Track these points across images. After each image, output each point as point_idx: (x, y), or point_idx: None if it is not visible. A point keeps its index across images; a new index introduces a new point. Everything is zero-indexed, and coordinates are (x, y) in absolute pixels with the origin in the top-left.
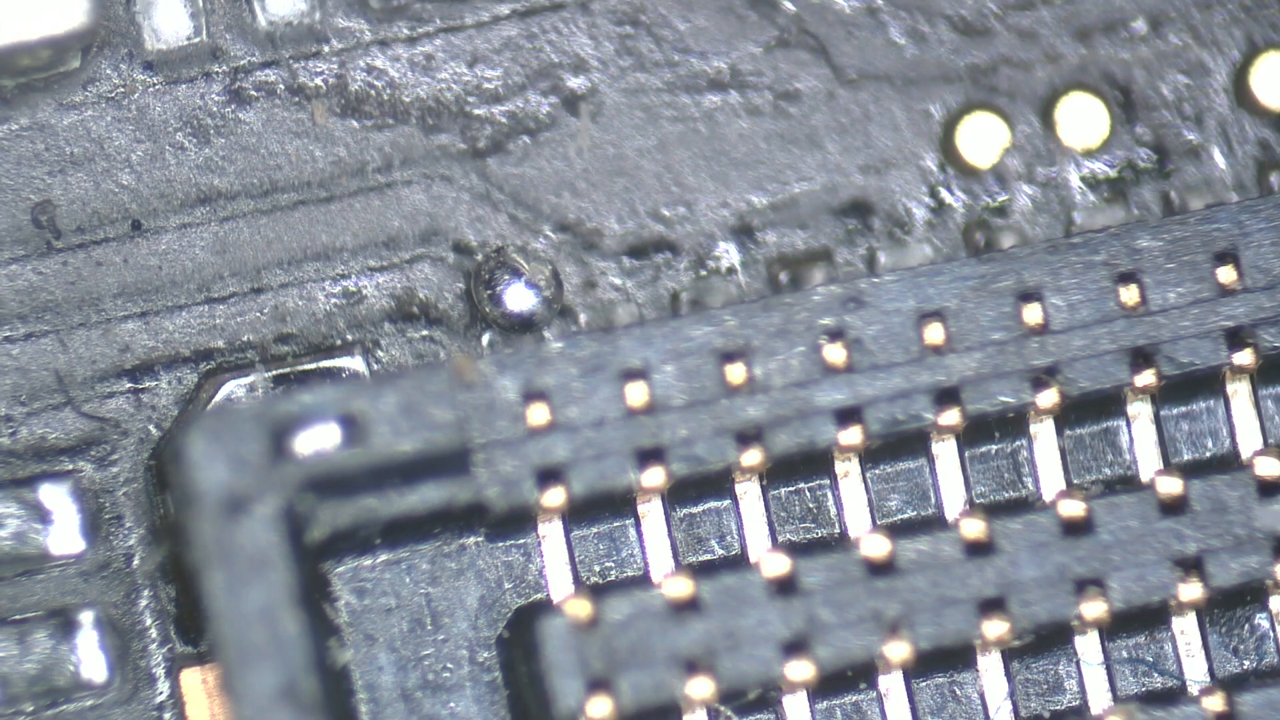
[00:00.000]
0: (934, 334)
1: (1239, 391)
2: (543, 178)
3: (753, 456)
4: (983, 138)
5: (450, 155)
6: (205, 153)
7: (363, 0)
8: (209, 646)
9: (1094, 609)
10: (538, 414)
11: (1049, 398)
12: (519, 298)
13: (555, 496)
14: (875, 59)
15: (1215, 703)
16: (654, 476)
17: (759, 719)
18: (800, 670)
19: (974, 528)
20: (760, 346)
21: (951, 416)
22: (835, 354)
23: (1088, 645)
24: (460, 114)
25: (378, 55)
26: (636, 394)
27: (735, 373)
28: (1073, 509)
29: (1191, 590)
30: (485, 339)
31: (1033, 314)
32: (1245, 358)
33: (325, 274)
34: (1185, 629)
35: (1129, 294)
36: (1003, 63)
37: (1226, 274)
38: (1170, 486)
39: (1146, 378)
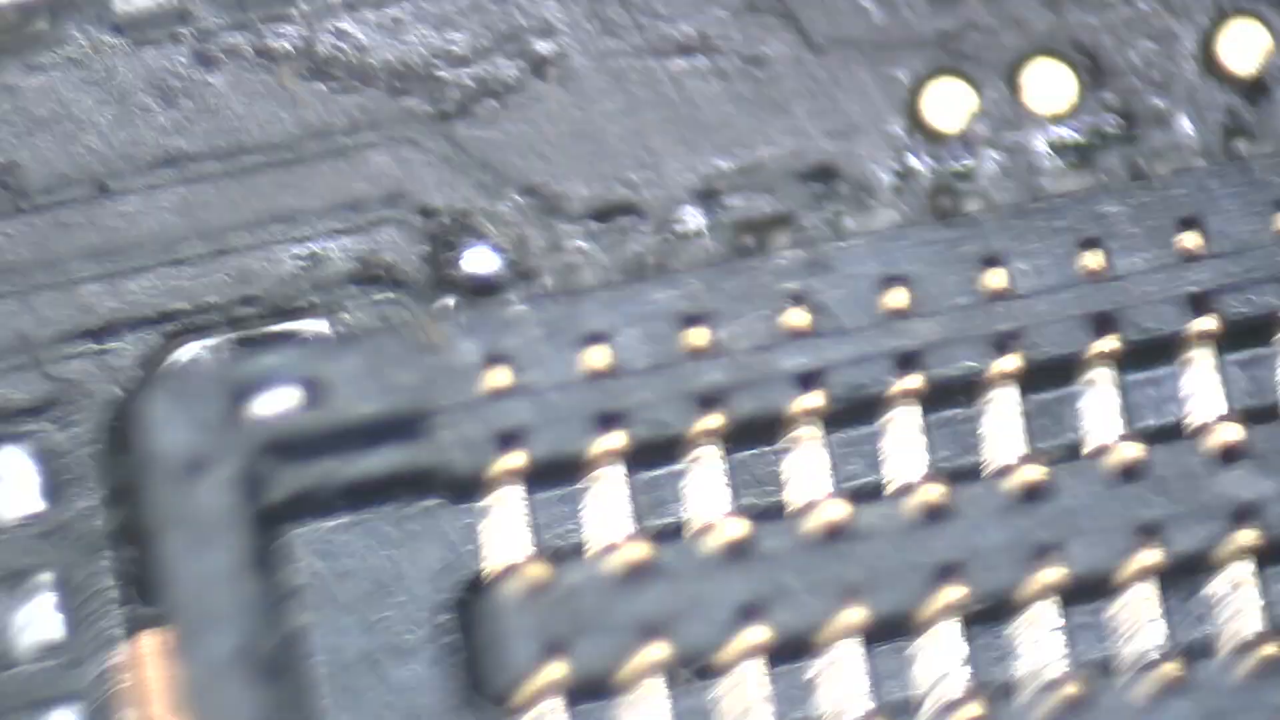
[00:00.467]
0: (897, 299)
1: (1202, 357)
2: (509, 141)
3: (714, 420)
4: (949, 103)
5: (416, 119)
6: (172, 115)
7: None
8: (166, 609)
9: (1054, 574)
10: (499, 377)
11: (1012, 363)
12: (482, 261)
13: (516, 459)
14: (843, 24)
15: (1175, 669)
16: (615, 440)
17: (717, 683)
18: (758, 634)
19: (934, 492)
20: (723, 310)
21: (914, 381)
22: (798, 318)
23: (1047, 611)
24: (427, 77)
25: (345, 18)
26: (599, 357)
27: (698, 336)
28: (1034, 474)
29: (1152, 556)
30: (449, 302)
31: (997, 279)
32: (1209, 323)
33: (289, 236)
34: (1146, 595)
35: (1093, 259)
36: (970, 28)
37: (1192, 240)
38: (1132, 452)
39: (1110, 343)
